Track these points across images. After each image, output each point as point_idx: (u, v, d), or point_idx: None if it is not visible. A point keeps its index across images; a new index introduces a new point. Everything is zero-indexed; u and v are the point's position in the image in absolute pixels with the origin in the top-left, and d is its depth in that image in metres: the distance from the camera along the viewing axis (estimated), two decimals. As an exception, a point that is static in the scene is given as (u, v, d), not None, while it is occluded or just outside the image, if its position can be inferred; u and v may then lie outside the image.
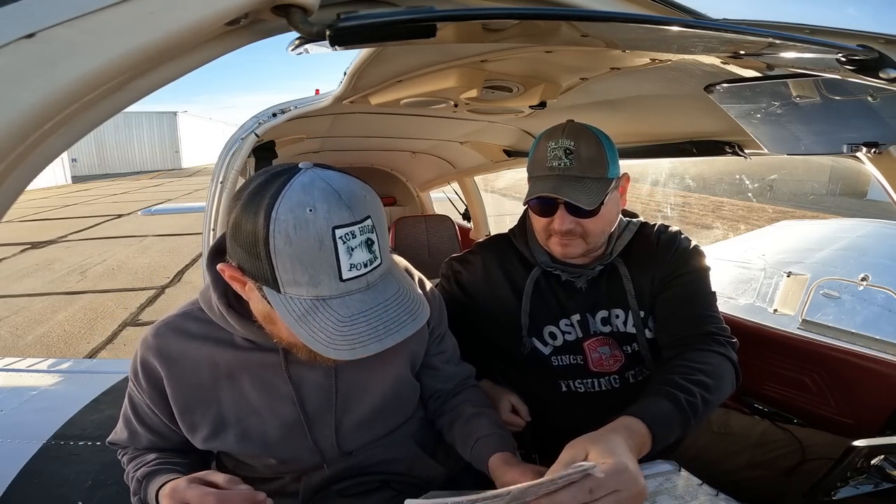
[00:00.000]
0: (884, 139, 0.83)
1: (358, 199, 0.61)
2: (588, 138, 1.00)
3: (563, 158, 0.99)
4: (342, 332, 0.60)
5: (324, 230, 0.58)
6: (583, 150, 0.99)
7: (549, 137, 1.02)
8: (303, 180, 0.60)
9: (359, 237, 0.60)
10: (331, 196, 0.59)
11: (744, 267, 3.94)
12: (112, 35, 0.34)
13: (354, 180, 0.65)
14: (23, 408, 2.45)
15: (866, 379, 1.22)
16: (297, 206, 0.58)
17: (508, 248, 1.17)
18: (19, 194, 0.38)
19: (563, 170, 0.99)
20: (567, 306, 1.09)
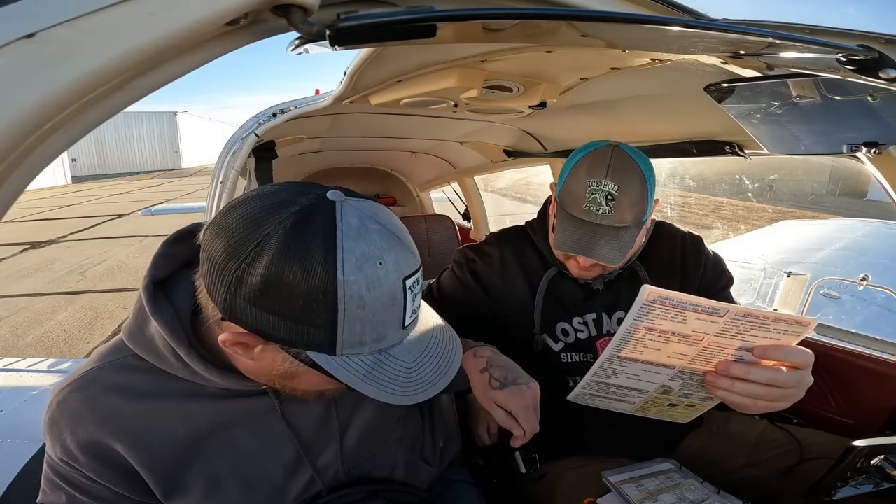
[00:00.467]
0: (884, 139, 0.83)
1: (408, 236, 0.56)
2: (633, 179, 0.92)
3: (602, 204, 0.91)
4: (411, 378, 0.56)
5: (396, 284, 0.52)
6: (625, 198, 0.91)
7: (590, 172, 0.93)
8: (352, 222, 0.51)
9: (421, 281, 0.57)
10: (392, 240, 0.53)
11: (744, 267, 3.94)
12: (112, 35, 0.34)
13: (386, 210, 0.57)
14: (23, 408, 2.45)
15: (866, 379, 1.22)
16: (364, 260, 0.50)
17: (526, 243, 1.15)
18: (19, 194, 0.38)
19: (601, 217, 0.92)
20: (583, 306, 1.10)
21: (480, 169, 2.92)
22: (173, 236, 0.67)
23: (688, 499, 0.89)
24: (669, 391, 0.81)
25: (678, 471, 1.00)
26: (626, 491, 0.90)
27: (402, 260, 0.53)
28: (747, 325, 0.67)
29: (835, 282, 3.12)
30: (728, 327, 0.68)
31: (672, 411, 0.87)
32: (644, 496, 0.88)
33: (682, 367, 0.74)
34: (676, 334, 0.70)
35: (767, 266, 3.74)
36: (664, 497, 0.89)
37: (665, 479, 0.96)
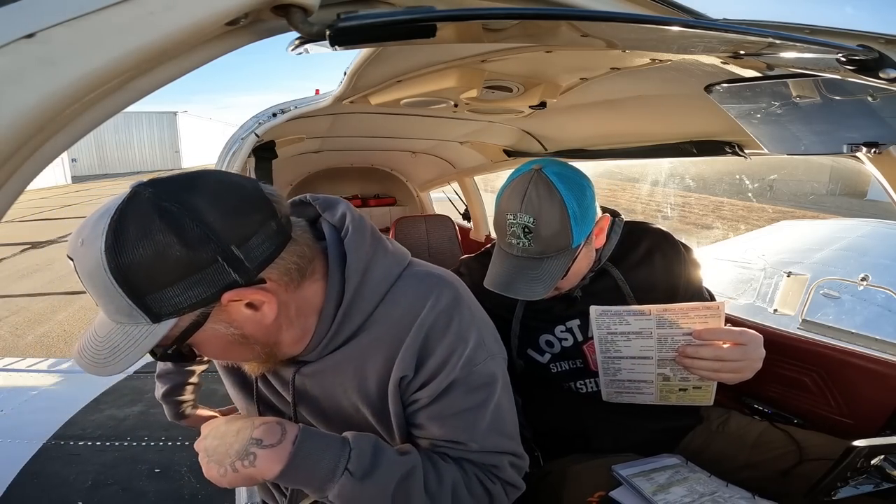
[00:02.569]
0: (884, 139, 0.83)
1: (72, 237, 0.59)
2: (550, 209, 0.90)
3: (521, 238, 0.92)
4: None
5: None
6: (542, 228, 0.90)
7: (508, 204, 0.93)
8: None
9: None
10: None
11: (744, 267, 3.94)
12: (112, 35, 0.34)
13: (99, 226, 0.56)
14: (23, 408, 2.45)
15: (866, 379, 1.22)
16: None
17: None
18: (19, 194, 0.38)
19: (521, 250, 0.93)
20: (564, 314, 1.08)
21: (480, 169, 2.92)
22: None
23: (698, 491, 0.89)
24: (668, 378, 0.95)
25: (685, 465, 1.00)
26: (637, 484, 0.90)
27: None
28: (672, 316, 0.87)
29: (835, 282, 3.12)
30: (661, 322, 0.87)
31: (688, 395, 0.97)
32: (656, 489, 0.88)
33: (658, 357, 0.91)
34: (631, 333, 0.90)
35: (767, 266, 3.74)
36: (675, 490, 0.89)
37: (674, 472, 0.96)
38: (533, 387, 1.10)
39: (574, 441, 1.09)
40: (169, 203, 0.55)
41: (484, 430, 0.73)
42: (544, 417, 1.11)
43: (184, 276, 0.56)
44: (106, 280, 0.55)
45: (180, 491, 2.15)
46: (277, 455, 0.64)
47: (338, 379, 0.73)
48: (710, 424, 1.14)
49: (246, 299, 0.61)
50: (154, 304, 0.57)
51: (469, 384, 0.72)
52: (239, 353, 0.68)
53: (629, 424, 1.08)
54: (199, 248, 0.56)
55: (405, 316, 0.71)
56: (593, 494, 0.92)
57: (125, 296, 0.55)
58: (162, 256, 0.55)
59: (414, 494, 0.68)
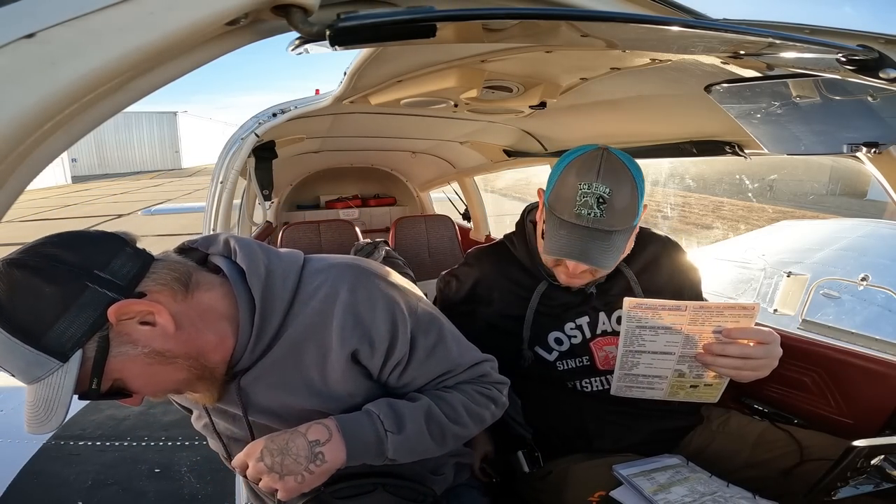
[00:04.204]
0: (884, 139, 0.83)
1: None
2: (624, 183, 0.91)
3: (594, 208, 0.90)
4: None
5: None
6: (617, 201, 0.90)
7: (580, 175, 0.92)
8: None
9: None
10: None
11: (744, 267, 3.94)
12: (112, 35, 0.34)
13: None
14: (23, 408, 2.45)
15: (866, 379, 1.22)
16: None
17: (508, 259, 1.14)
18: (19, 194, 0.38)
19: (593, 221, 0.90)
20: (576, 310, 1.09)
21: (480, 169, 2.92)
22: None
23: (699, 491, 0.89)
24: (683, 375, 0.96)
25: (686, 465, 1.00)
26: (638, 483, 0.90)
27: None
28: (706, 314, 0.87)
29: (835, 282, 3.12)
30: (694, 318, 0.87)
31: (697, 393, 0.98)
32: (657, 489, 0.88)
33: (680, 353, 0.92)
34: (661, 328, 0.89)
35: (767, 266, 3.74)
36: (676, 489, 0.89)
37: (674, 472, 0.96)
38: (536, 386, 1.10)
39: (575, 441, 1.09)
40: (18, 260, 0.60)
41: (456, 352, 0.86)
42: (545, 417, 1.11)
43: (66, 308, 0.60)
44: (2, 337, 0.58)
45: (180, 491, 2.15)
46: (337, 445, 0.74)
47: (279, 376, 0.77)
48: (710, 424, 1.14)
49: (133, 314, 0.65)
50: (53, 342, 0.60)
51: (422, 327, 0.83)
52: (168, 374, 0.69)
53: (630, 425, 1.08)
54: (67, 281, 0.61)
55: (323, 303, 0.76)
56: (594, 494, 0.92)
57: (24, 345, 0.59)
58: (37, 297, 0.59)
59: (442, 423, 0.81)
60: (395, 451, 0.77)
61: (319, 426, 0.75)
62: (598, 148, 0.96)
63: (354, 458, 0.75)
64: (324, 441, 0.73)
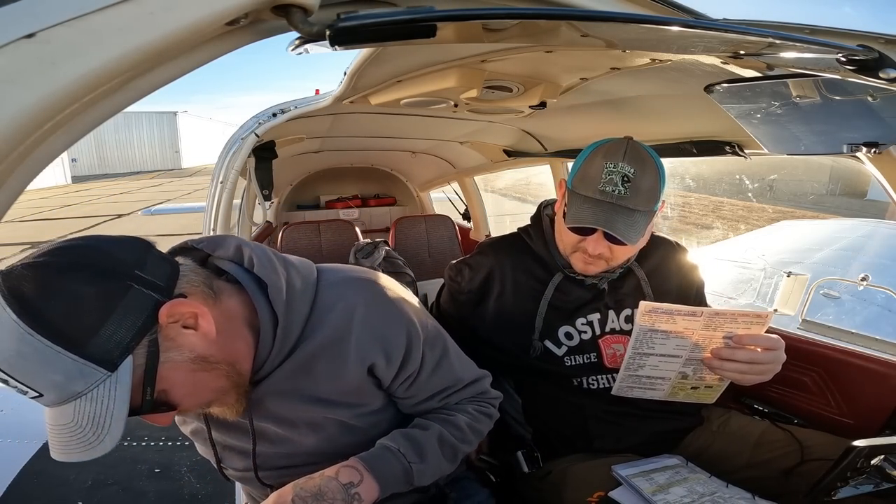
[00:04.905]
0: (884, 139, 0.83)
1: None
2: (649, 167, 0.96)
3: (619, 185, 0.93)
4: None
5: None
6: (642, 182, 0.94)
7: (607, 155, 0.96)
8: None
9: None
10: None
11: (744, 267, 3.94)
12: (112, 35, 0.34)
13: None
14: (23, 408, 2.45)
15: (866, 379, 1.22)
16: None
17: (523, 250, 1.16)
18: (19, 194, 0.38)
19: (617, 198, 0.94)
20: (588, 305, 1.10)
21: (480, 169, 2.92)
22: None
23: (698, 491, 0.89)
24: (686, 377, 0.97)
25: (685, 466, 1.00)
26: (637, 484, 0.90)
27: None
28: (720, 320, 0.88)
29: (835, 282, 3.12)
30: (708, 324, 0.88)
31: (697, 394, 1.00)
32: (655, 489, 0.88)
33: (688, 357, 0.93)
34: (673, 332, 0.90)
35: (767, 266, 3.74)
36: (675, 490, 0.89)
37: (674, 473, 0.96)
38: (539, 383, 1.10)
39: (575, 441, 1.09)
40: (50, 258, 0.55)
41: (458, 368, 0.89)
42: (545, 417, 1.11)
43: (111, 310, 0.55)
44: (38, 345, 0.51)
45: (180, 491, 2.15)
46: (370, 485, 0.74)
47: (291, 385, 0.76)
48: (710, 425, 1.14)
49: (179, 317, 0.61)
50: (99, 349, 0.54)
51: (430, 342, 0.85)
52: (210, 381, 0.67)
53: (631, 425, 1.08)
54: (109, 281, 0.56)
55: (341, 318, 0.76)
56: (593, 494, 0.92)
57: (67, 352, 0.52)
58: (77, 299, 0.53)
59: (453, 445, 0.84)
60: (419, 479, 0.79)
61: (349, 469, 0.75)
62: (622, 138, 1.01)
63: (386, 492, 0.76)
64: (357, 482, 0.74)
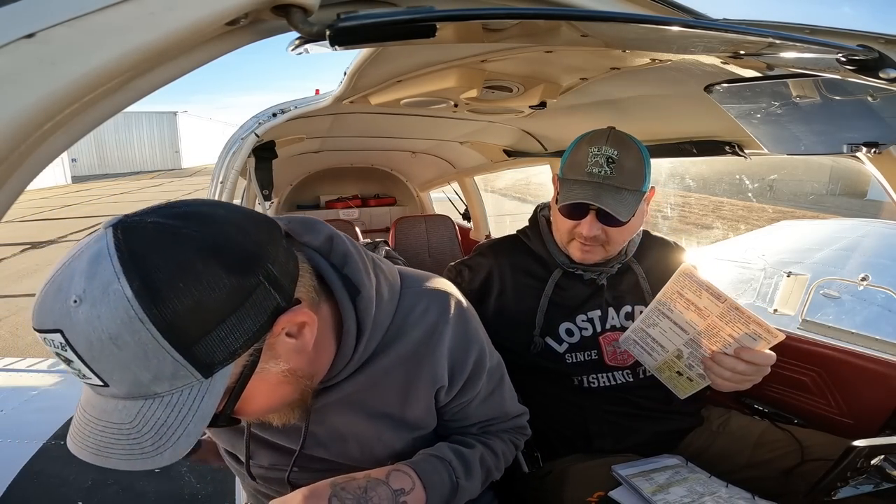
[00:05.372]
0: (884, 139, 0.83)
1: (48, 302, 0.43)
2: (631, 150, 1.01)
3: (604, 166, 0.99)
4: (75, 415, 0.51)
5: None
6: (625, 162, 0.99)
7: (591, 142, 1.02)
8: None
9: (48, 347, 0.45)
10: (41, 290, 0.46)
11: (744, 267, 3.94)
12: (112, 35, 0.34)
13: (105, 268, 0.42)
14: (23, 408, 2.45)
15: (866, 379, 1.22)
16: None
17: (522, 250, 1.18)
18: (19, 194, 0.38)
19: (603, 178, 0.99)
20: (588, 302, 1.12)
21: (480, 169, 2.92)
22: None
23: (698, 491, 0.89)
24: (681, 356, 0.98)
25: (685, 465, 1.00)
26: (637, 484, 0.90)
27: (35, 306, 0.45)
28: (737, 317, 0.87)
29: (835, 282, 3.12)
30: (724, 314, 0.88)
31: (677, 380, 1.01)
32: (655, 489, 0.88)
33: (693, 336, 0.94)
34: (693, 305, 0.91)
35: (767, 266, 3.74)
36: (675, 490, 0.89)
37: (673, 473, 0.96)
38: (540, 382, 1.10)
39: (575, 441, 1.09)
40: (189, 228, 0.45)
41: (508, 402, 0.87)
42: (546, 417, 1.11)
43: (234, 309, 0.46)
44: (143, 337, 0.42)
45: (180, 491, 2.15)
46: (419, 495, 0.69)
47: (359, 397, 0.71)
48: (710, 425, 1.14)
49: (290, 326, 0.53)
50: (204, 352, 0.45)
51: (490, 372, 0.81)
52: (287, 394, 0.59)
53: (631, 425, 1.08)
54: (243, 271, 0.47)
55: (424, 335, 0.71)
56: (593, 494, 0.92)
57: (172, 350, 0.43)
58: (212, 290, 0.44)
59: (489, 470, 0.81)
60: (459, 499, 0.74)
61: (401, 474, 0.69)
62: (608, 127, 1.06)
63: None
64: (408, 490, 0.67)
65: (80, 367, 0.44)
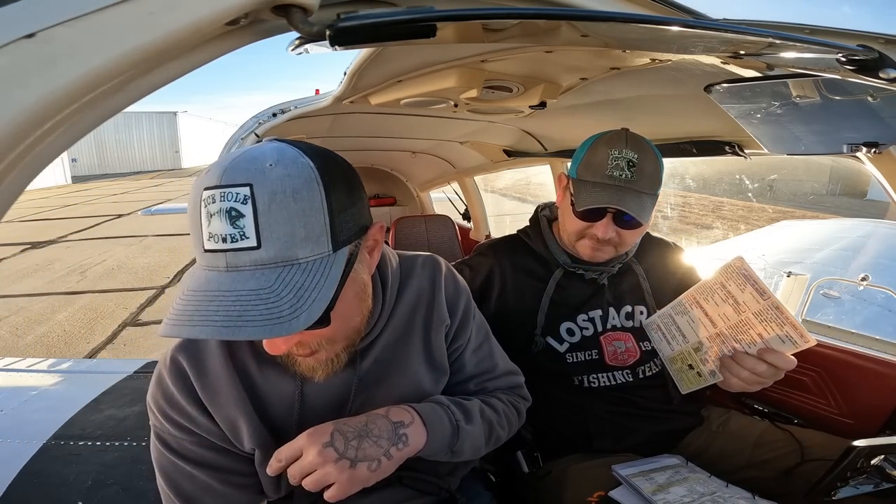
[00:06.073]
0: (884, 139, 0.83)
1: (243, 165, 0.52)
2: (648, 153, 1.01)
3: (625, 170, 0.98)
4: (175, 307, 0.52)
5: (197, 191, 0.53)
6: (645, 166, 0.99)
7: (610, 144, 1.01)
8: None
9: (218, 203, 0.51)
10: (223, 160, 0.55)
11: (744, 267, 3.93)
12: (112, 35, 0.34)
13: (291, 150, 0.55)
14: (23, 408, 2.45)
15: (866, 379, 1.22)
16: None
17: (523, 250, 1.18)
18: (19, 194, 0.38)
19: (625, 182, 0.98)
20: (589, 302, 1.12)
21: (480, 169, 2.92)
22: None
23: (698, 491, 0.89)
24: (699, 349, 0.97)
25: (685, 465, 1.00)
26: (637, 484, 0.90)
27: (210, 173, 0.53)
28: (773, 315, 0.85)
29: (835, 282, 3.12)
30: (763, 311, 0.86)
31: (685, 373, 1.00)
32: (655, 489, 0.88)
33: (721, 330, 0.92)
34: (733, 298, 0.90)
35: (767, 266, 3.74)
36: (675, 490, 0.89)
37: (674, 472, 0.96)
38: (540, 382, 1.11)
39: (575, 441, 1.09)
40: (332, 153, 0.61)
41: (498, 355, 0.91)
42: (546, 417, 1.11)
43: (354, 204, 0.59)
44: (315, 196, 0.53)
45: (180, 491, 2.15)
46: (419, 429, 0.71)
47: (393, 350, 0.77)
48: (710, 425, 1.14)
49: (372, 241, 0.64)
50: (339, 226, 0.56)
51: (477, 322, 0.88)
52: (357, 311, 0.67)
53: (631, 425, 1.08)
54: (360, 187, 0.62)
55: (426, 283, 0.82)
56: (593, 494, 0.92)
57: (327, 214, 0.54)
58: (348, 185, 0.58)
59: (491, 423, 0.83)
60: (461, 443, 0.76)
61: (400, 409, 0.72)
62: (618, 129, 1.05)
63: (431, 445, 0.72)
64: (408, 423, 0.70)
65: (245, 223, 0.51)
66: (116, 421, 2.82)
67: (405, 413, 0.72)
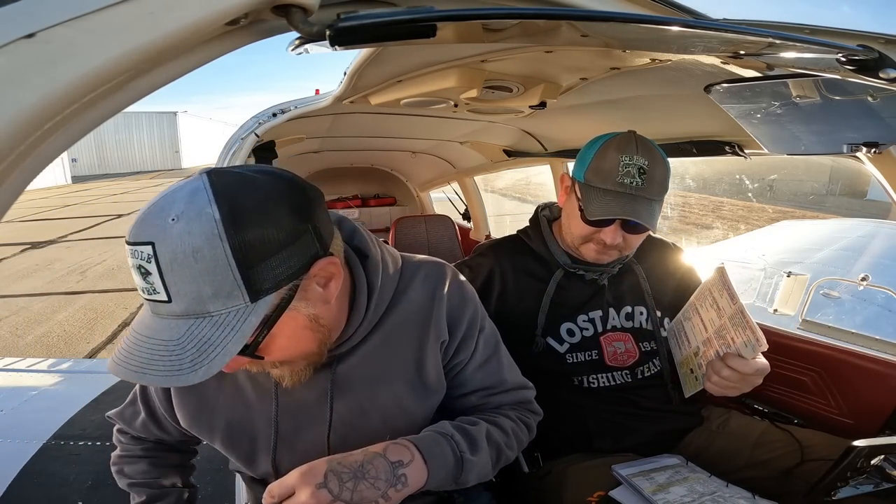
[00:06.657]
0: (884, 139, 0.83)
1: (149, 219, 0.52)
2: (657, 158, 1.00)
3: (636, 177, 0.98)
4: (121, 344, 0.57)
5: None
6: (655, 172, 0.99)
7: (620, 149, 1.00)
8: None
9: (130, 259, 0.53)
10: (143, 208, 0.55)
11: (744, 267, 3.94)
12: (112, 35, 0.34)
13: (202, 198, 0.52)
14: (23, 408, 2.45)
15: (866, 379, 1.22)
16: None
17: (523, 250, 1.18)
18: (19, 194, 0.38)
19: (636, 189, 0.98)
20: (589, 303, 1.12)
21: (480, 169, 2.92)
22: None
23: (698, 491, 0.89)
24: (697, 354, 1.00)
25: (685, 465, 1.00)
26: (637, 483, 0.90)
27: (131, 223, 0.54)
28: (739, 320, 0.87)
29: (835, 282, 3.12)
30: (734, 315, 0.88)
31: (688, 377, 1.03)
32: (655, 488, 0.88)
33: (709, 335, 0.95)
34: (716, 304, 0.93)
35: (767, 266, 3.74)
36: (675, 489, 0.89)
37: (674, 472, 0.96)
38: (541, 383, 1.11)
39: (575, 441, 1.09)
40: (264, 178, 0.56)
41: (506, 369, 0.88)
42: (546, 417, 1.11)
43: (286, 246, 0.55)
44: (218, 254, 0.51)
45: (180, 491, 2.15)
46: (419, 467, 0.68)
47: (375, 363, 0.76)
48: (710, 424, 1.14)
49: (322, 274, 0.61)
50: (257, 277, 0.53)
51: (485, 335, 0.85)
52: (307, 342, 0.65)
53: (631, 425, 1.08)
54: (300, 217, 0.57)
55: (424, 296, 0.78)
56: (593, 494, 0.92)
57: (236, 269, 0.52)
58: (276, 223, 0.54)
59: (498, 447, 0.80)
60: (465, 475, 0.72)
61: (399, 446, 0.68)
62: (627, 131, 1.04)
63: (433, 481, 0.69)
64: (407, 462, 0.67)
65: (153, 280, 0.52)
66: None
67: (404, 451, 0.68)
